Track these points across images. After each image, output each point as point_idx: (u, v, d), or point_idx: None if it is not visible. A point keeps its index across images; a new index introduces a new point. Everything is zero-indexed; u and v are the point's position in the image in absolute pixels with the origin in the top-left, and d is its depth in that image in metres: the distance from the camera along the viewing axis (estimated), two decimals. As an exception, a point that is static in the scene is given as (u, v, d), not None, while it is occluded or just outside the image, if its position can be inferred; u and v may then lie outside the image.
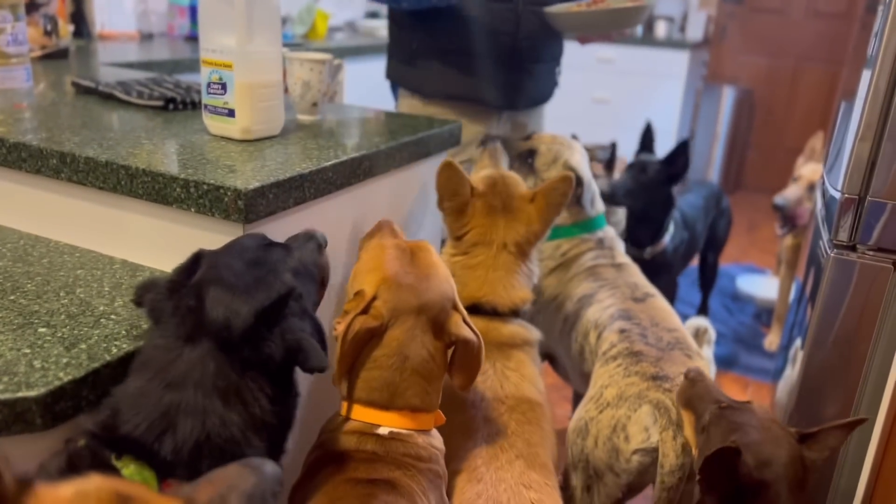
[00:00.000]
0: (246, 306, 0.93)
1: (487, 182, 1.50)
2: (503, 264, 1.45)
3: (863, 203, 1.28)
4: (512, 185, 1.51)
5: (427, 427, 1.15)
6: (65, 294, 1.16)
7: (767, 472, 1.06)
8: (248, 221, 1.16)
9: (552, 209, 1.49)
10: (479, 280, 1.44)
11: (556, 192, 1.48)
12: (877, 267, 1.30)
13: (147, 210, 1.24)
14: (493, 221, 1.47)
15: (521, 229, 1.47)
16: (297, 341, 0.96)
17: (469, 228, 1.48)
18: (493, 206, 1.47)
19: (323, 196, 1.31)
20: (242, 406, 0.92)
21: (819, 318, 1.36)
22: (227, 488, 0.66)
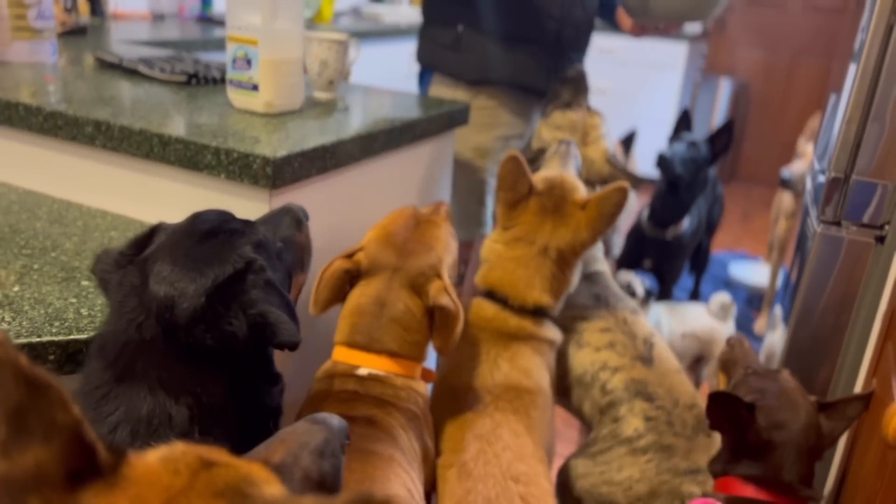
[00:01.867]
0: (193, 285, 0.86)
1: (547, 183, 1.46)
2: (536, 266, 1.42)
3: (848, 181, 1.37)
4: (569, 190, 1.46)
5: (408, 373, 1.22)
6: (102, 252, 1.23)
7: (777, 435, 1.12)
8: (274, 188, 1.24)
9: (604, 220, 1.42)
10: (504, 271, 1.44)
11: (610, 201, 1.41)
12: (860, 242, 1.38)
13: (178, 176, 1.31)
14: (542, 222, 1.43)
15: (568, 236, 1.42)
16: (261, 315, 0.88)
17: (516, 223, 1.45)
18: (545, 207, 1.43)
19: (343, 167, 1.39)
20: (193, 398, 0.85)
21: (805, 290, 1.44)
22: (298, 446, 0.66)
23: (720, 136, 2.50)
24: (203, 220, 0.96)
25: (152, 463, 0.46)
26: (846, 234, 1.40)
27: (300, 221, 1.11)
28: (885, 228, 1.38)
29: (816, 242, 1.41)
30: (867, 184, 1.36)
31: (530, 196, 1.44)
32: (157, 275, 0.86)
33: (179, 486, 0.44)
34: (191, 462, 0.47)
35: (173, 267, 0.87)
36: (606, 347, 1.53)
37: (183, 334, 0.85)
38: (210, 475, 0.46)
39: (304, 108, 1.56)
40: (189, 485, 0.44)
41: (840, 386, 1.43)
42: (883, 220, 1.37)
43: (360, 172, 1.47)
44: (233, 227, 0.95)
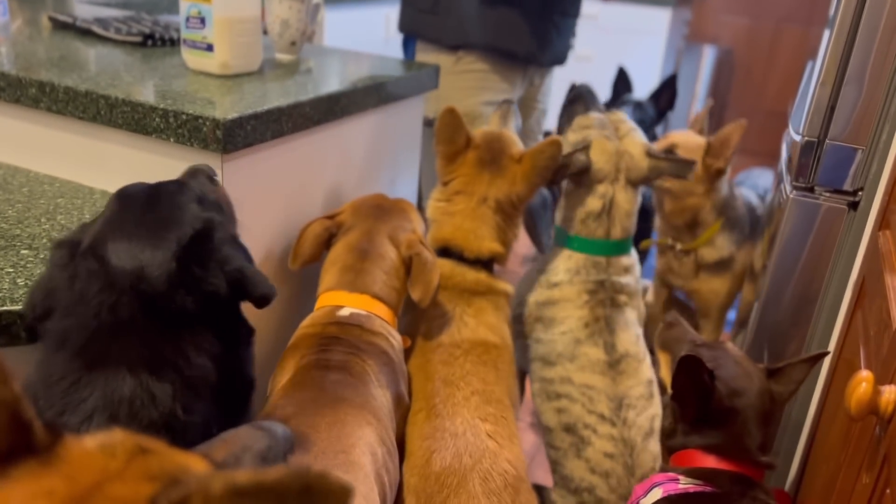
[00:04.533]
0: (159, 251, 0.83)
1: (485, 136, 1.50)
2: (479, 216, 1.44)
3: (822, 146, 1.33)
4: (507, 144, 1.49)
5: (387, 318, 1.29)
6: (46, 220, 1.18)
7: (738, 402, 1.11)
8: (226, 152, 1.18)
9: (537, 172, 1.45)
10: (453, 226, 1.45)
11: (543, 154, 1.44)
12: (833, 208, 1.35)
13: (126, 140, 1.26)
14: (479, 174, 1.45)
15: (504, 187, 1.44)
16: (238, 270, 0.88)
17: (455, 176, 1.47)
18: (482, 160, 1.46)
19: (301, 131, 1.34)
20: (175, 372, 0.83)
21: (778, 257, 1.41)
22: (241, 448, 0.66)
23: (663, 92, 2.46)
24: (134, 192, 0.91)
25: (89, 446, 0.46)
26: (819, 201, 1.37)
27: (212, 178, 1.08)
28: (859, 195, 1.35)
29: (789, 209, 1.38)
30: (841, 148, 1.33)
31: (468, 149, 1.47)
32: (116, 252, 0.82)
33: (114, 469, 0.44)
34: (128, 447, 0.46)
35: (129, 241, 0.83)
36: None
37: (164, 302, 0.82)
38: (146, 460, 0.46)
39: (263, 69, 1.50)
40: (124, 467, 0.44)
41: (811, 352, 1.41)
42: (856, 186, 1.34)
43: (320, 137, 1.42)
44: (168, 189, 0.92)
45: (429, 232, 1.47)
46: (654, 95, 2.48)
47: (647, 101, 2.48)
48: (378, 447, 1.10)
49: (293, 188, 1.39)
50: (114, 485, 0.43)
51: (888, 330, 0.89)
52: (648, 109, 2.47)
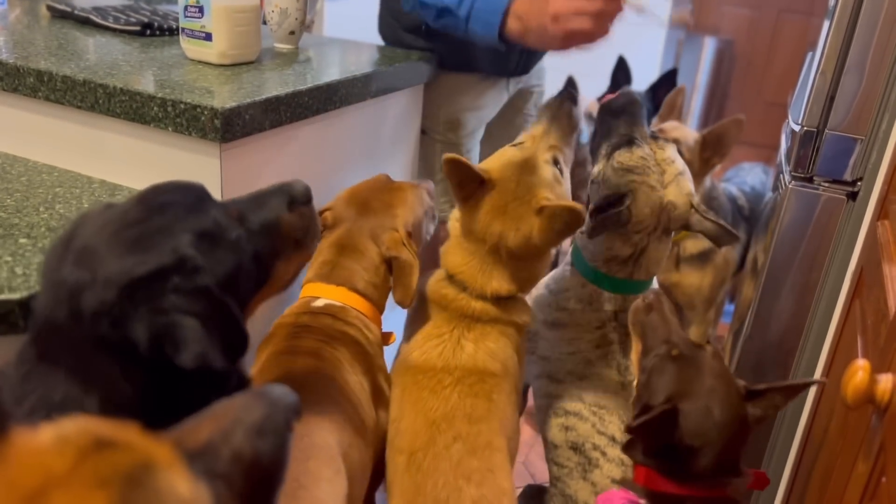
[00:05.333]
0: (107, 273, 0.74)
1: (504, 175, 1.27)
2: (492, 261, 1.28)
3: (821, 136, 1.33)
4: (527, 188, 1.25)
5: (364, 311, 1.28)
6: (44, 209, 1.18)
7: (698, 440, 1.02)
8: (224, 141, 1.18)
9: (552, 235, 1.23)
10: (463, 259, 1.31)
11: (561, 219, 1.21)
12: (832, 198, 1.35)
13: (124, 129, 1.25)
14: (492, 223, 1.26)
15: (518, 240, 1.24)
16: (168, 327, 0.75)
17: (469, 217, 1.29)
18: (496, 207, 1.26)
19: (299, 120, 1.34)
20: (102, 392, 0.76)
21: (776, 247, 1.41)
22: (231, 422, 0.58)
23: (662, 86, 2.43)
24: (149, 194, 0.84)
25: (41, 441, 0.42)
26: (818, 191, 1.36)
27: (293, 201, 0.97)
28: (858, 185, 1.34)
29: (788, 199, 1.38)
30: (840, 138, 1.32)
31: (483, 190, 1.27)
32: (76, 253, 0.77)
33: (60, 471, 0.39)
34: (82, 442, 0.42)
35: (94, 247, 0.76)
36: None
37: (87, 325, 0.75)
38: (100, 459, 0.41)
39: (261, 59, 1.50)
40: (72, 470, 0.40)
41: (808, 345, 1.41)
42: (855, 176, 1.34)
43: (318, 126, 1.41)
44: (178, 210, 0.82)
45: (445, 244, 1.36)
46: (653, 88, 2.46)
47: (644, 94, 2.47)
48: (346, 427, 1.09)
49: (291, 177, 1.38)
50: (59, 492, 0.38)
51: (886, 319, 0.89)
52: (645, 102, 2.46)
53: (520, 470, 1.94)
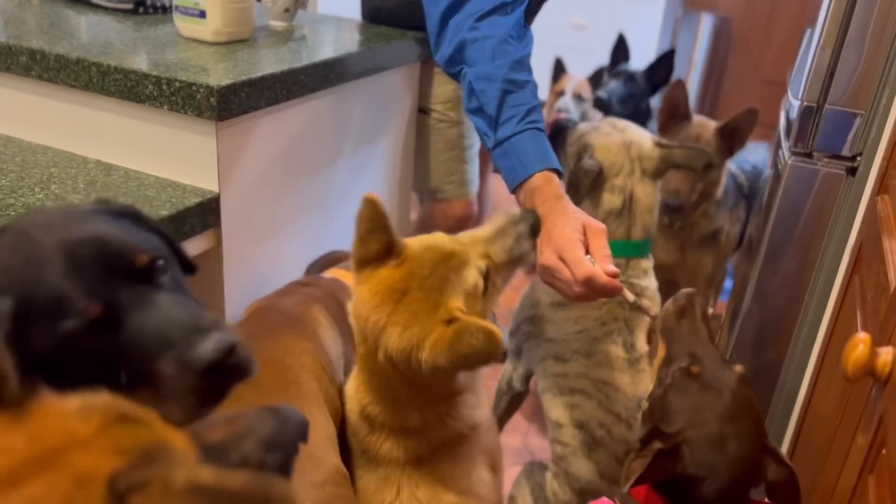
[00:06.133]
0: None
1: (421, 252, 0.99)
2: (381, 371, 0.99)
3: (821, 111, 1.32)
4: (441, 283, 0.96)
5: None
6: (40, 189, 1.17)
7: (704, 471, 0.96)
8: (220, 119, 1.17)
9: (450, 358, 0.91)
10: (367, 378, 1.04)
11: (470, 339, 0.91)
12: (831, 173, 1.35)
13: (119, 108, 1.24)
14: (378, 307, 0.96)
15: (402, 343, 0.93)
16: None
17: (355, 295, 1.00)
18: (392, 288, 0.96)
19: (295, 98, 1.33)
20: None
21: (775, 223, 1.41)
22: (244, 430, 0.60)
23: (659, 66, 2.43)
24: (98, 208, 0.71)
25: (66, 406, 0.43)
26: (817, 166, 1.36)
27: (232, 350, 0.68)
28: (857, 160, 1.34)
29: (787, 175, 1.37)
30: (840, 113, 1.31)
31: (387, 261, 0.99)
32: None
33: (83, 435, 0.41)
34: (106, 413, 0.43)
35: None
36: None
37: None
38: (121, 430, 0.43)
39: (256, 36, 1.48)
40: (94, 435, 0.41)
41: (807, 320, 1.41)
42: (855, 151, 1.33)
43: (314, 105, 1.40)
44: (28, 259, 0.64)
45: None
46: (650, 69, 2.46)
47: (641, 74, 2.46)
48: (319, 371, 1.09)
49: (288, 156, 1.38)
50: (78, 453, 0.40)
51: (886, 293, 0.89)
52: (641, 82, 2.45)
53: (519, 448, 1.95)
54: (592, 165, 1.40)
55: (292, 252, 1.44)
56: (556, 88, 2.54)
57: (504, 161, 1.24)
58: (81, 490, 0.38)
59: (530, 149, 1.22)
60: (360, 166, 1.63)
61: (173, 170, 1.25)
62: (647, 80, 2.45)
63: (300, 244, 1.47)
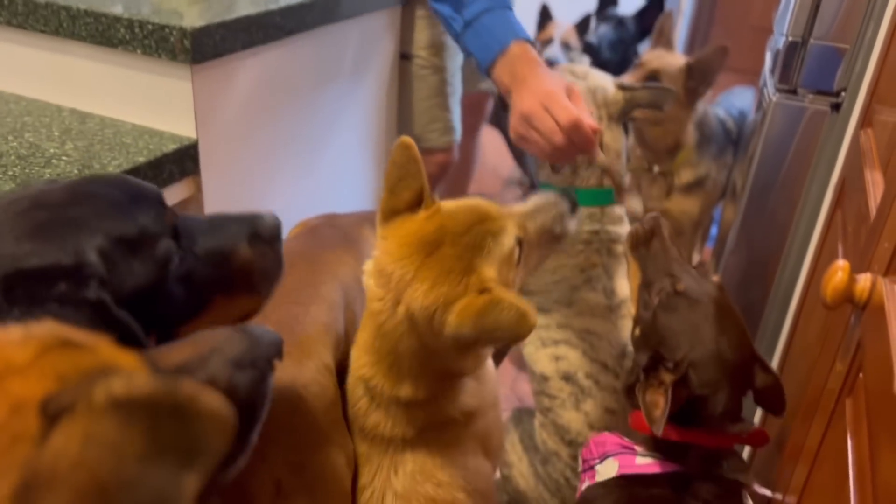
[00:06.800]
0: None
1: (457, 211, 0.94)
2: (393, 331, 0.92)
3: (806, 46, 1.31)
4: (478, 245, 0.91)
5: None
6: (13, 138, 1.15)
7: (709, 390, 0.95)
8: (195, 62, 1.15)
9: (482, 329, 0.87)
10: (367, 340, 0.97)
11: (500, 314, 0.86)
12: (816, 110, 1.34)
13: (92, 54, 1.22)
14: (405, 259, 0.90)
15: (428, 301, 0.88)
16: None
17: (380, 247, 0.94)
18: (423, 241, 0.91)
19: (272, 41, 1.30)
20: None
21: (760, 161, 1.41)
22: (209, 351, 0.57)
23: (649, 11, 2.40)
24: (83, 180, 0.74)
25: (7, 335, 0.42)
26: (802, 103, 1.35)
27: (256, 235, 0.81)
28: (842, 96, 1.33)
29: (772, 112, 1.37)
30: (825, 48, 1.30)
31: (417, 213, 0.94)
32: None
33: (20, 361, 0.40)
34: (47, 340, 0.42)
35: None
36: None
37: None
38: (60, 357, 0.41)
39: (231, -21, 1.45)
40: (31, 362, 0.40)
41: (791, 258, 1.42)
42: (840, 87, 1.32)
43: (292, 48, 1.38)
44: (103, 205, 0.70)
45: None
46: (640, 14, 2.42)
47: (631, 19, 2.42)
48: (353, 283, 1.09)
49: (267, 101, 1.36)
50: (13, 379, 0.39)
51: (866, 222, 0.89)
52: (630, 27, 2.41)
53: (507, 395, 1.96)
54: None
55: (273, 198, 1.43)
56: (543, 37, 2.50)
57: (475, 41, 1.22)
58: (15, 416, 0.37)
59: (502, 23, 1.20)
60: (342, 112, 1.61)
61: (149, 116, 1.23)
62: (637, 25, 2.42)
63: (281, 190, 1.46)
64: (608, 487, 0.99)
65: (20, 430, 0.36)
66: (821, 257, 1.23)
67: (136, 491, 0.35)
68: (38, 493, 0.35)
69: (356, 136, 1.71)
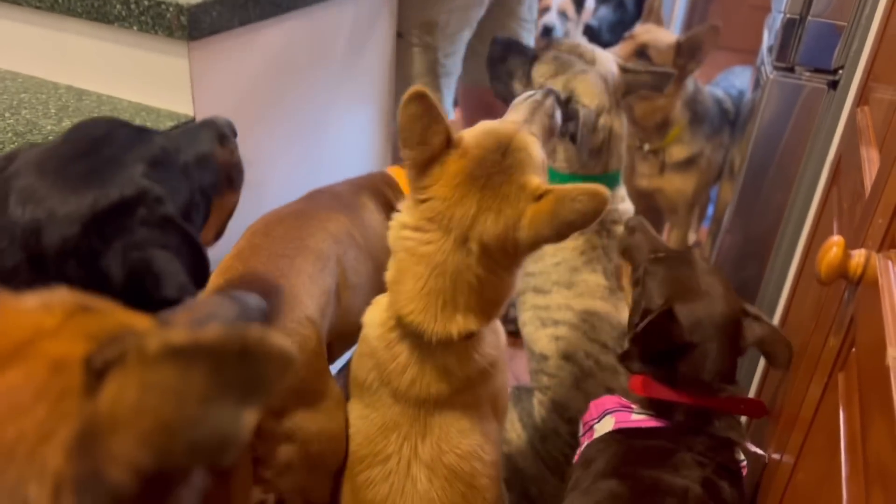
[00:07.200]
0: (66, 207, 0.70)
1: (481, 140, 0.97)
2: (454, 269, 0.95)
3: (804, 23, 1.31)
4: (517, 164, 0.96)
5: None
6: (10, 115, 1.15)
7: (697, 335, 0.99)
8: (192, 39, 1.14)
9: (555, 225, 0.92)
10: (415, 286, 0.97)
11: (575, 205, 0.91)
12: (813, 88, 1.34)
13: (88, 30, 1.21)
14: (463, 198, 0.94)
15: (497, 229, 0.93)
16: (145, 261, 0.73)
17: (428, 196, 0.96)
18: (472, 176, 0.94)
19: (269, 18, 1.29)
20: None
21: (756, 139, 1.41)
22: (205, 316, 0.60)
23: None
24: (85, 129, 0.80)
25: (27, 304, 0.44)
26: (800, 81, 1.35)
27: (223, 136, 0.93)
28: (839, 74, 1.33)
29: (769, 90, 1.37)
30: (823, 25, 1.30)
31: (448, 154, 0.96)
32: (21, 193, 0.71)
33: (50, 326, 0.42)
34: (68, 305, 0.44)
35: (42, 183, 0.71)
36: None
37: (52, 267, 0.70)
38: (86, 318, 0.44)
39: (227, -44, 1.43)
40: (60, 325, 0.42)
41: (786, 236, 1.43)
42: (837, 65, 1.32)
43: (289, 26, 1.37)
44: (122, 139, 0.78)
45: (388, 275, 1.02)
46: None
47: (630, 1, 2.42)
48: (344, 237, 1.18)
49: (264, 78, 1.36)
50: (48, 342, 0.41)
51: (861, 199, 0.90)
52: (629, 7, 2.41)
53: (504, 372, 1.98)
54: (590, 117, 1.34)
55: (270, 175, 1.43)
56: (541, 5, 2.49)
57: None
58: (58, 374, 0.39)
59: None
60: (340, 89, 1.61)
61: (147, 93, 1.22)
62: (636, 7, 2.41)
63: (278, 168, 1.46)
64: (606, 442, 1.02)
65: (65, 386, 0.38)
66: (816, 234, 1.23)
67: (199, 428, 0.37)
68: (102, 440, 0.37)
69: (354, 112, 1.70)
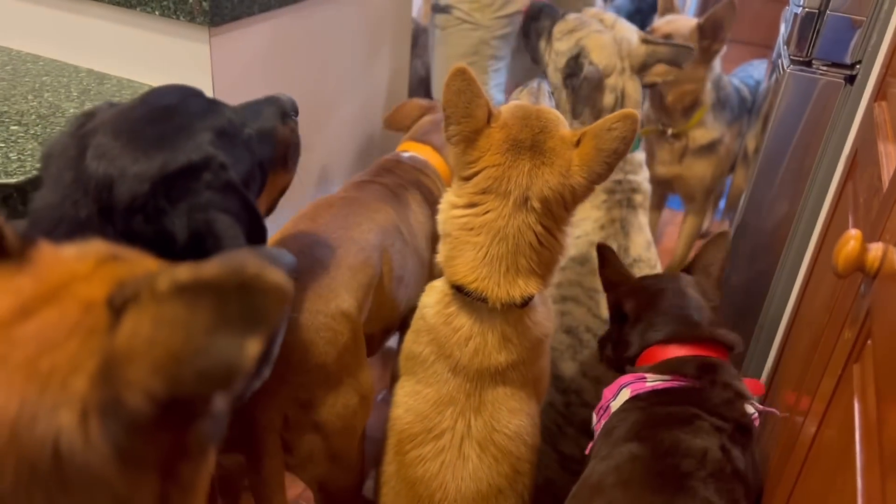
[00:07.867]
0: (137, 166, 0.75)
1: (515, 111, 1.05)
2: (516, 231, 1.00)
3: (822, 17, 1.30)
4: (551, 122, 1.04)
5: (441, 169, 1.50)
6: (33, 97, 1.16)
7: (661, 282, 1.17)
8: (213, 24, 1.15)
9: (604, 158, 1.00)
10: (475, 256, 1.02)
11: (612, 133, 0.99)
12: (830, 82, 1.34)
13: (110, 15, 1.22)
14: (515, 162, 1.01)
15: (554, 180, 1.00)
16: (207, 223, 0.78)
17: (479, 168, 1.02)
18: (518, 142, 1.01)
19: (289, 5, 1.30)
20: None
21: (772, 132, 1.41)
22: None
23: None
24: (160, 95, 0.84)
25: (64, 253, 0.48)
26: (816, 75, 1.35)
27: (286, 114, 0.98)
28: (856, 68, 1.33)
29: (786, 83, 1.37)
30: (841, 19, 1.30)
31: (491, 126, 1.03)
32: (97, 149, 0.76)
33: (82, 272, 0.46)
34: (101, 253, 0.48)
35: (116, 142, 0.76)
36: None
37: (120, 220, 0.75)
38: (116, 266, 0.48)
39: (247, -59, 1.44)
40: (93, 271, 0.46)
41: (800, 229, 1.43)
42: (855, 59, 1.32)
43: (308, 13, 1.38)
44: (193, 109, 0.84)
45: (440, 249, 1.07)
46: None
47: None
48: (391, 229, 1.25)
49: (284, 64, 1.36)
50: (81, 285, 0.45)
51: (878, 194, 0.90)
52: None
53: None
54: (594, 73, 1.42)
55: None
56: None
57: None
58: (88, 313, 0.43)
59: None
60: (357, 76, 1.62)
61: (167, 78, 1.20)
62: None
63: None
64: (627, 411, 1.05)
65: (94, 324, 0.42)
66: (830, 227, 1.24)
67: (206, 357, 0.40)
68: (121, 369, 0.40)
69: (370, 99, 1.71)
